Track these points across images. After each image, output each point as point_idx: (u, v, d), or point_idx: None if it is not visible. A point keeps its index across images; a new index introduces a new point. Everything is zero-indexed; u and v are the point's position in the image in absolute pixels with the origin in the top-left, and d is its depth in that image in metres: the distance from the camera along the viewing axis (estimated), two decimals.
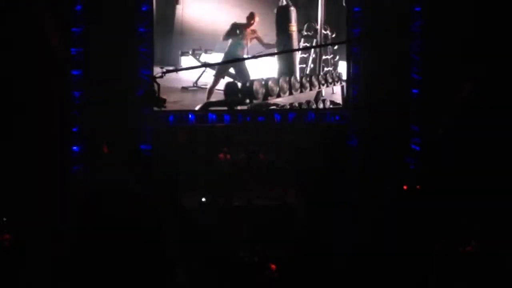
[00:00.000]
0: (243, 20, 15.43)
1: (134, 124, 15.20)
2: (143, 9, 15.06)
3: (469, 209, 11.96)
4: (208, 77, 15.40)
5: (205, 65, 15.39)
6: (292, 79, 15.74)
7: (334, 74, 16.12)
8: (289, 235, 11.56)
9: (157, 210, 11.38)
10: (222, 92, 15.51)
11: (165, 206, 11.89)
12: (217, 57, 15.29)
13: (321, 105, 16.18)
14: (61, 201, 12.65)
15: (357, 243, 11.11)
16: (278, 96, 15.73)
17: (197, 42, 15.36)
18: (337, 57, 16.12)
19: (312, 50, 16.09)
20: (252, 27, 15.41)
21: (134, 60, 15.10)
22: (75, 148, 14.84)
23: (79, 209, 10.93)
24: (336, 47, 16.11)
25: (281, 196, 14.18)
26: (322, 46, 15.75)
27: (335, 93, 16.29)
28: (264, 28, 15.59)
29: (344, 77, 16.16)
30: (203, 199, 13.83)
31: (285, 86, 15.69)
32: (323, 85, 16.11)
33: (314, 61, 16.12)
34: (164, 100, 12.87)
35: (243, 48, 15.40)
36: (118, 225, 9.50)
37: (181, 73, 15.14)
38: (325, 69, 16.13)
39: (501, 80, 14.60)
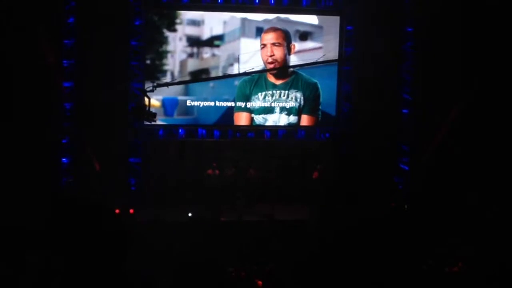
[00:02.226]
0: None
1: (124, 137, 15.20)
2: (136, 23, 15.08)
3: (458, 229, 11.99)
4: None
5: (195, 80, 15.46)
6: None
7: None
8: (277, 250, 11.51)
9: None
10: None
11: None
12: None
13: None
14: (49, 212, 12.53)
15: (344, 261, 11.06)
16: None
17: None
18: None
19: None
20: None
21: (125, 73, 15.12)
22: (64, 159, 14.82)
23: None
24: None
25: (269, 212, 14.15)
26: (313, 64, 15.74)
27: None
28: None
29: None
30: (190, 214, 13.79)
31: None
32: None
33: None
34: (155, 114, 12.91)
35: None
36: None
37: None
38: None
39: (491, 100, 14.72)
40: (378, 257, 10.83)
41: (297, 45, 15.84)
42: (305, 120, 16.07)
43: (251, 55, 15.61)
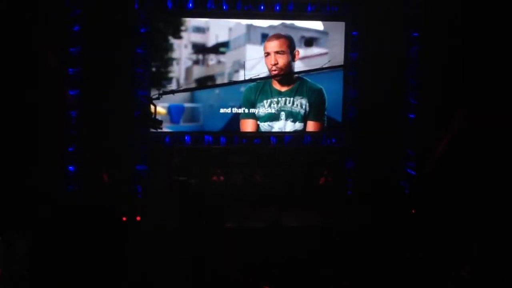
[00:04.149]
0: None
1: (130, 145, 15.20)
2: (141, 30, 15.11)
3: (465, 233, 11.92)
4: None
5: (201, 86, 15.48)
6: None
7: None
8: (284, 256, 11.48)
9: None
10: None
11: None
12: None
13: None
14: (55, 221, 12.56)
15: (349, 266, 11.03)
16: None
17: None
18: None
19: None
20: None
21: (131, 81, 15.13)
22: (71, 167, 14.81)
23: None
24: None
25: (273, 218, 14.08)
26: (319, 70, 15.74)
27: None
28: None
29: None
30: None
31: None
32: None
33: None
34: (161, 122, 12.94)
35: None
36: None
37: None
38: None
39: (497, 103, 14.66)
40: (385, 262, 10.81)
41: (302, 51, 15.84)
42: (311, 126, 16.05)
43: (256, 62, 15.62)
